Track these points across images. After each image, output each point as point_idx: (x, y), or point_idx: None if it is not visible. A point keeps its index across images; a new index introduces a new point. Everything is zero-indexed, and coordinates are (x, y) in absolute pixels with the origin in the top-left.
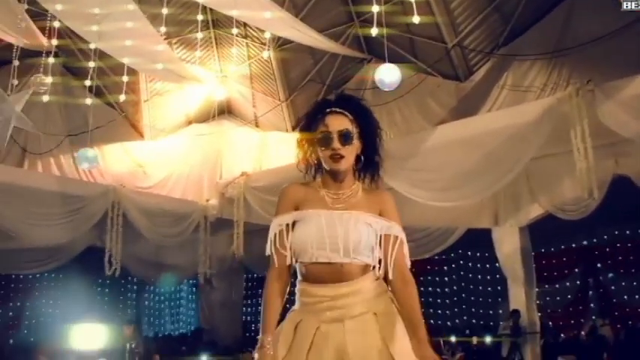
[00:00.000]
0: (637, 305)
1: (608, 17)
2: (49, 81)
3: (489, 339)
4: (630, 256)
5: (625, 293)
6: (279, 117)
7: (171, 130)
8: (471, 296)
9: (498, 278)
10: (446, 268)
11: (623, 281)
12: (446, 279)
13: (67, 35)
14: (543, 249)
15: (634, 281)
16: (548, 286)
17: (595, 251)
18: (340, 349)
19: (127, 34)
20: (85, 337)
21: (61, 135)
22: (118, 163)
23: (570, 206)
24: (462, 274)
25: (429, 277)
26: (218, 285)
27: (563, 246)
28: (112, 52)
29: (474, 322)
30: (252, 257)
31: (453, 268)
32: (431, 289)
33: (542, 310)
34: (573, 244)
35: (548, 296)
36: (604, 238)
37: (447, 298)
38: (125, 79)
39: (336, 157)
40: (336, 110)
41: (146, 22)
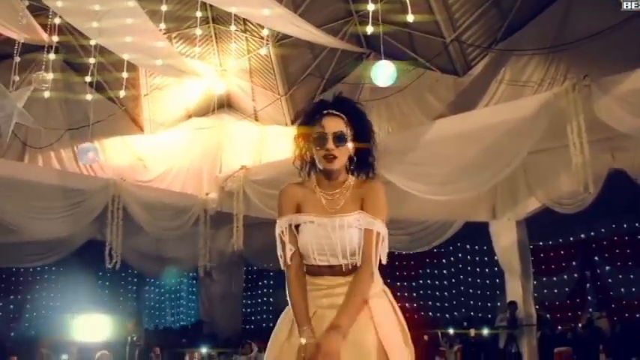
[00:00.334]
0: (633, 298)
1: (606, 13)
2: (50, 77)
3: (487, 331)
4: (627, 249)
5: (622, 286)
6: (279, 111)
7: (171, 124)
8: (470, 289)
9: (497, 271)
10: (444, 260)
11: (620, 274)
12: (444, 271)
13: (68, 31)
14: (541, 242)
15: (631, 274)
16: (546, 279)
17: (593, 244)
18: None
19: (127, 30)
20: (86, 330)
21: (62, 129)
22: (118, 156)
23: (567, 200)
24: (461, 267)
25: (428, 270)
26: (218, 278)
27: (561, 239)
28: (112, 47)
29: (472, 315)
30: (251, 250)
31: (452, 261)
32: (429, 282)
33: (539, 302)
34: (571, 238)
35: (546, 289)
36: (602, 232)
37: (445, 291)
38: (125, 75)
39: (330, 158)
40: (333, 112)
41: (146, 19)
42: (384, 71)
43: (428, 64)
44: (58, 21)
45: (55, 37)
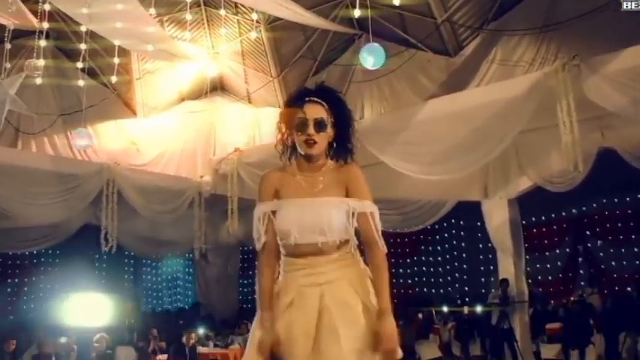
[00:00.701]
0: (624, 273)
1: None
2: (42, 64)
3: (480, 308)
4: (618, 226)
5: (613, 262)
6: (272, 93)
7: (164, 107)
8: (463, 265)
9: (490, 248)
10: (438, 237)
11: (611, 250)
12: (438, 249)
13: (59, 17)
14: (533, 220)
15: (622, 250)
16: (539, 256)
17: (584, 221)
18: (319, 305)
19: (117, 15)
20: (83, 313)
21: (55, 115)
22: (111, 141)
23: (558, 179)
24: (454, 245)
25: (422, 247)
26: (214, 260)
27: (553, 216)
28: (103, 33)
29: (467, 290)
30: (247, 232)
31: (445, 239)
32: (424, 259)
33: (532, 279)
34: (563, 215)
35: (538, 266)
36: (593, 209)
37: (439, 269)
38: (117, 60)
39: (310, 142)
40: (314, 100)
41: (137, 4)
42: (372, 54)
43: (419, 44)
44: (48, 7)
45: (45, 24)
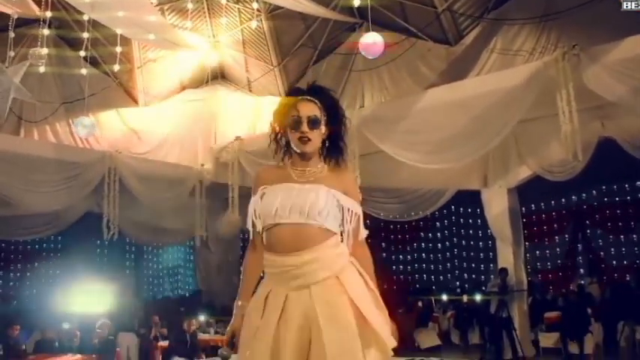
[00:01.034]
0: (623, 262)
1: None
2: (45, 52)
3: (479, 297)
4: (618, 215)
5: (612, 251)
6: (272, 82)
7: (166, 96)
8: (463, 254)
9: (490, 236)
10: (438, 225)
11: (610, 238)
12: (438, 236)
13: (61, 5)
14: (533, 209)
15: (621, 238)
16: (538, 246)
17: (584, 210)
18: (308, 314)
19: (119, 4)
20: (86, 300)
21: (57, 103)
22: (113, 129)
23: (557, 168)
24: (454, 232)
25: (422, 236)
26: (215, 248)
27: (552, 206)
28: (105, 21)
29: (467, 278)
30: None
31: (445, 228)
32: (423, 246)
33: (531, 268)
34: (563, 204)
35: (538, 255)
36: (593, 198)
37: (439, 258)
38: (119, 48)
39: (304, 140)
40: (307, 98)
41: None
42: (372, 43)
43: (420, 33)
44: None
45: (48, 12)
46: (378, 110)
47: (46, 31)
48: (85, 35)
